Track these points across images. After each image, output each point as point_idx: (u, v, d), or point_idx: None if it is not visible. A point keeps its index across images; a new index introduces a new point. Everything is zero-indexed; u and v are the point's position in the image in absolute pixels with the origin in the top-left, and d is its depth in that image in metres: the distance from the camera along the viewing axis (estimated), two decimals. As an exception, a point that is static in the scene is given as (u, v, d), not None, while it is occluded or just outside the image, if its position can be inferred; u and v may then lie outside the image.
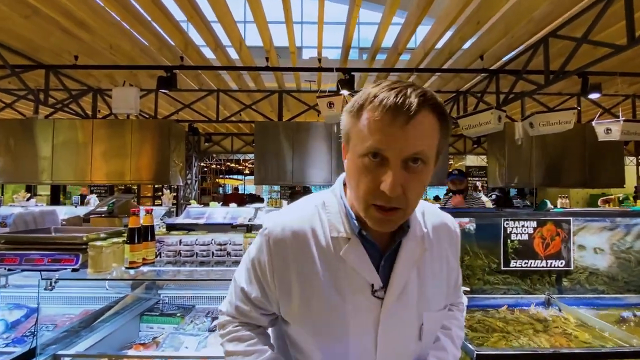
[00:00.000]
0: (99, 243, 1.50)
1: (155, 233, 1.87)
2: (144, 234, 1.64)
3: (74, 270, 1.50)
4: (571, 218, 2.06)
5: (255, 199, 9.49)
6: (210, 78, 5.19)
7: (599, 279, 2.10)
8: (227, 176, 13.66)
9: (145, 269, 1.67)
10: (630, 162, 8.11)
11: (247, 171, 13.82)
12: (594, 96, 4.21)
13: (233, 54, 4.50)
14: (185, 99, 5.69)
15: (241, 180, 14.64)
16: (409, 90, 0.54)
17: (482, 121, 3.72)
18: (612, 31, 3.19)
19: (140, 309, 2.06)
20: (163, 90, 4.06)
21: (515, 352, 1.29)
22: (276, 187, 12.03)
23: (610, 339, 1.49)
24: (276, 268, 0.66)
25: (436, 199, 9.86)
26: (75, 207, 5.65)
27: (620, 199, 4.48)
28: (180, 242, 1.74)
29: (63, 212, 4.59)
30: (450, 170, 3.81)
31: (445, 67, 4.44)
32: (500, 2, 3.04)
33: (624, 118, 3.95)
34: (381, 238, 0.66)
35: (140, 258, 1.61)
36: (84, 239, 1.60)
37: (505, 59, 4.19)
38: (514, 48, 3.86)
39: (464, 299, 0.91)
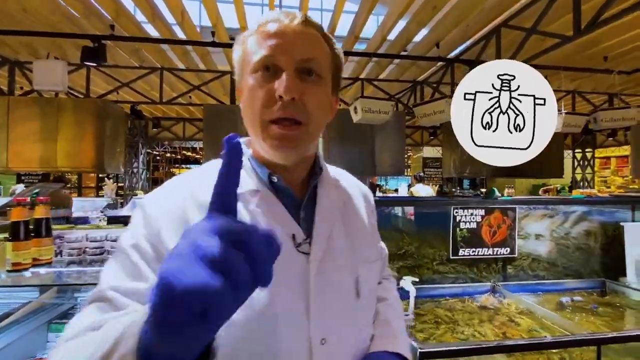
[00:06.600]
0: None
1: (61, 227, 1.58)
2: (36, 229, 1.34)
3: None
4: (517, 206, 2.07)
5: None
6: (152, 54, 4.67)
7: (541, 265, 2.15)
8: (182, 165, 12.85)
9: (42, 270, 1.39)
10: (567, 155, 8.81)
11: (204, 160, 13.12)
12: (539, 89, 4.38)
13: (179, 32, 4.07)
14: (125, 77, 5.10)
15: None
16: (295, 11, 0.54)
17: (436, 110, 3.72)
18: (560, 23, 3.28)
19: (48, 316, 1.73)
20: (89, 63, 3.54)
21: (459, 347, 1.23)
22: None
23: (552, 327, 1.50)
24: (165, 240, 0.48)
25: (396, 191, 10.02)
26: (-6, 198, 4.89)
27: (558, 189, 4.82)
28: (87, 237, 1.45)
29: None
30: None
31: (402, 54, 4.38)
32: (455, -13, 2.99)
33: (565, 111, 4.17)
34: (294, 185, 0.58)
35: (28, 259, 1.31)
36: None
37: (460, 48, 4.21)
38: (469, 37, 3.87)
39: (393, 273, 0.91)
